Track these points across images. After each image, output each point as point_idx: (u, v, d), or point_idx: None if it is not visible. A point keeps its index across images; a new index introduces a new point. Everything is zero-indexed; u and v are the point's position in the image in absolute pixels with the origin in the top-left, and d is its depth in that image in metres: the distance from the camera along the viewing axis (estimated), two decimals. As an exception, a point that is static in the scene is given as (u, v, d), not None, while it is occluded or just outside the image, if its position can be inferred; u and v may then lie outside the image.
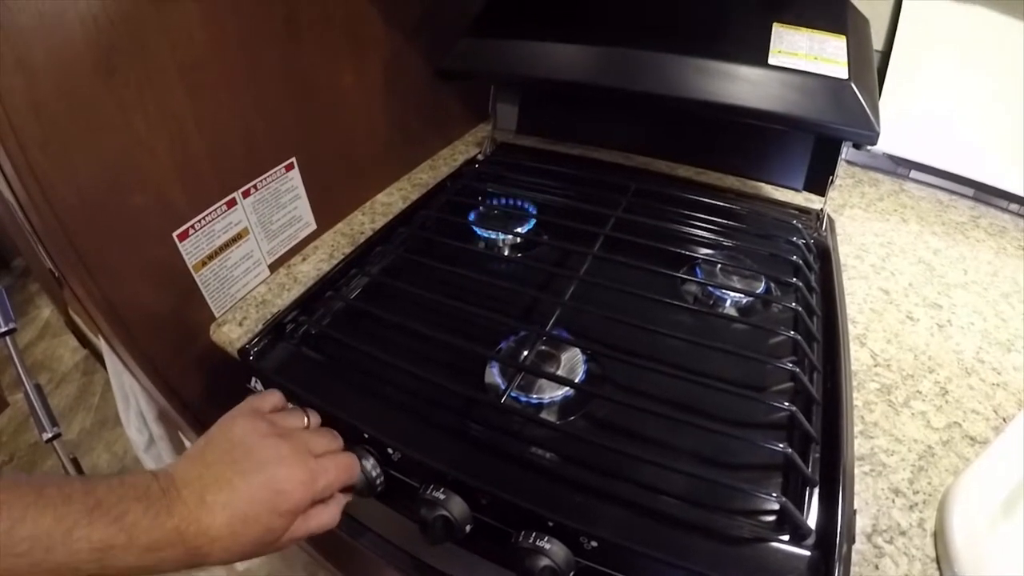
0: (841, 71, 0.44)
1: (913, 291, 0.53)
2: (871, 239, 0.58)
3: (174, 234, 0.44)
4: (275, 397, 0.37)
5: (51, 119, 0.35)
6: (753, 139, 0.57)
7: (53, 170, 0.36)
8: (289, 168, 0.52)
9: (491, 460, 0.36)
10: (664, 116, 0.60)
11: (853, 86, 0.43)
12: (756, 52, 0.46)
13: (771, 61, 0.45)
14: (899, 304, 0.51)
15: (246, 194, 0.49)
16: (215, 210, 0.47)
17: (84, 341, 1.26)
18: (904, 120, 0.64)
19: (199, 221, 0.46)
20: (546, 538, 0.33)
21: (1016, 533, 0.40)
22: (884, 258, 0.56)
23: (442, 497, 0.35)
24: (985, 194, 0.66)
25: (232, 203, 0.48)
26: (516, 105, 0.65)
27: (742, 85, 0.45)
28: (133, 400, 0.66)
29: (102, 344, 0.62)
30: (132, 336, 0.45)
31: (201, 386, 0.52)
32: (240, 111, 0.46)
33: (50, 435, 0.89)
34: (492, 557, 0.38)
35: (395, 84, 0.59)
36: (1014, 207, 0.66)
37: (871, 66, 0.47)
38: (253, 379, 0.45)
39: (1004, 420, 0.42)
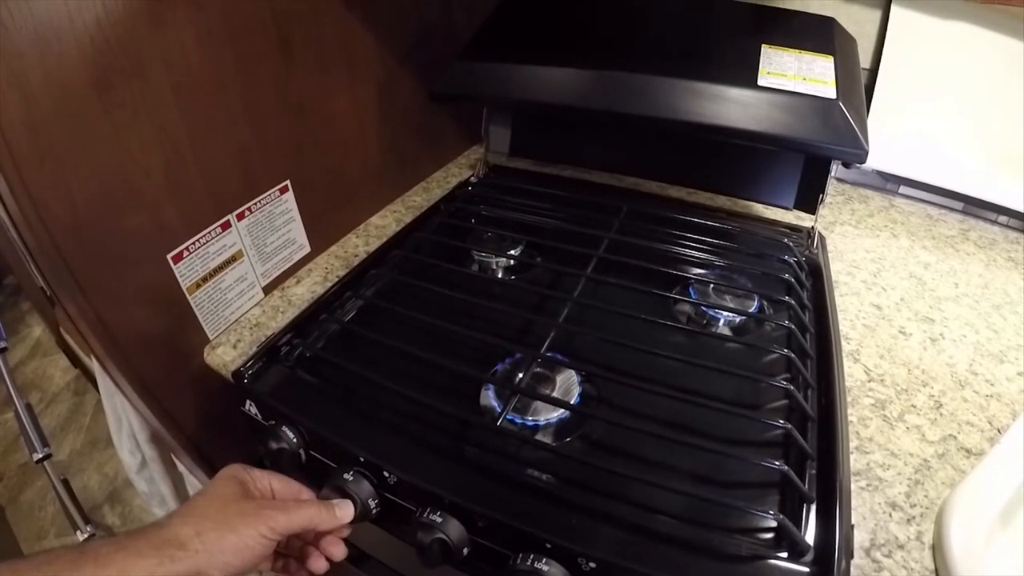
0: (829, 91, 0.45)
1: (905, 306, 0.53)
2: (862, 255, 0.59)
3: (168, 256, 0.45)
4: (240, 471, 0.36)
5: (47, 138, 0.35)
6: (743, 159, 0.58)
7: (48, 188, 0.36)
8: (283, 191, 0.52)
9: (487, 482, 0.36)
10: (655, 138, 0.61)
11: (841, 105, 0.44)
12: (745, 73, 0.47)
13: (760, 82, 0.46)
14: (891, 319, 0.51)
15: (240, 216, 0.49)
16: (209, 232, 0.47)
17: (75, 361, 1.25)
18: (892, 136, 0.65)
19: (193, 243, 0.46)
20: (544, 560, 0.33)
21: (1014, 543, 0.41)
22: (875, 274, 0.57)
23: (439, 520, 0.35)
24: (974, 207, 0.68)
25: (226, 225, 0.48)
26: (508, 128, 0.66)
27: (732, 106, 0.46)
28: (125, 422, 0.65)
29: (94, 365, 0.62)
30: (125, 357, 0.45)
31: (195, 408, 0.52)
32: (235, 133, 0.47)
33: (40, 455, 0.88)
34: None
35: (388, 107, 0.60)
36: (1003, 219, 0.67)
37: (859, 85, 0.49)
38: (248, 402, 0.45)
39: (999, 431, 0.43)
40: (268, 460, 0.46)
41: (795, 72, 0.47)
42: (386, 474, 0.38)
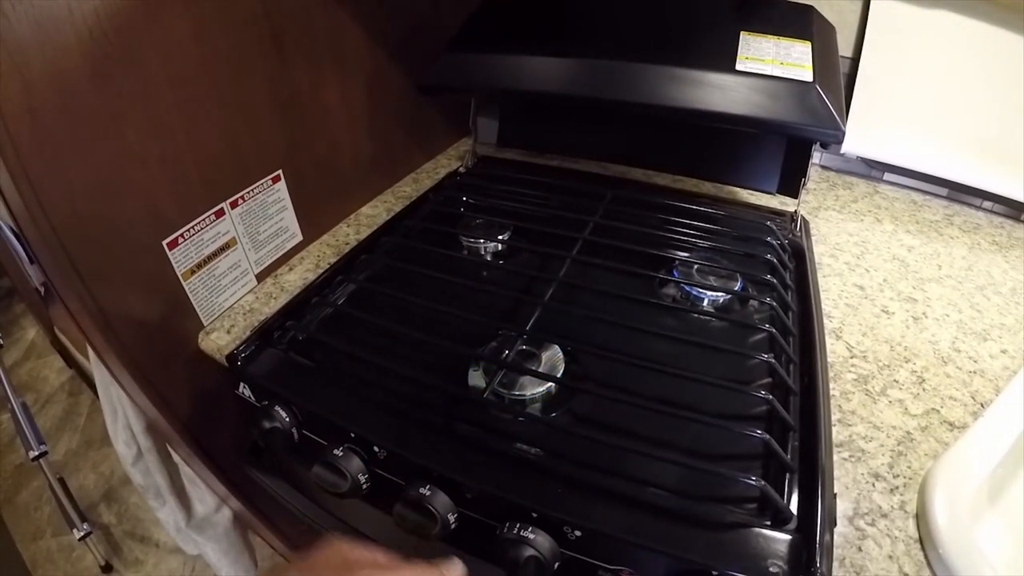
0: (806, 74, 0.47)
1: (888, 286, 0.54)
2: (845, 238, 0.60)
3: (164, 242, 0.46)
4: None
5: (46, 126, 0.36)
6: (726, 145, 0.60)
7: (47, 175, 0.37)
8: (276, 180, 0.54)
9: (475, 455, 0.37)
10: (640, 126, 0.62)
11: (818, 88, 0.46)
12: (724, 59, 0.48)
13: (738, 67, 0.48)
14: (874, 299, 0.53)
15: (234, 205, 0.50)
16: (204, 220, 0.48)
17: (70, 361, 1.26)
18: (876, 123, 0.67)
19: (188, 230, 0.47)
20: (530, 529, 0.34)
21: (998, 512, 0.42)
22: (859, 256, 0.58)
23: (427, 493, 0.36)
24: (959, 193, 0.69)
25: (220, 213, 0.50)
26: (496, 119, 0.67)
27: (711, 91, 0.47)
28: (121, 413, 0.66)
29: (91, 356, 0.63)
30: (122, 344, 0.46)
31: (190, 395, 0.53)
32: (228, 124, 0.48)
33: (36, 453, 0.89)
34: (478, 553, 0.39)
35: (379, 100, 0.62)
36: (988, 204, 0.69)
37: (836, 69, 0.50)
38: (242, 385, 0.46)
39: (982, 406, 0.44)
40: (262, 441, 0.47)
41: (773, 57, 0.48)
42: (376, 449, 0.39)
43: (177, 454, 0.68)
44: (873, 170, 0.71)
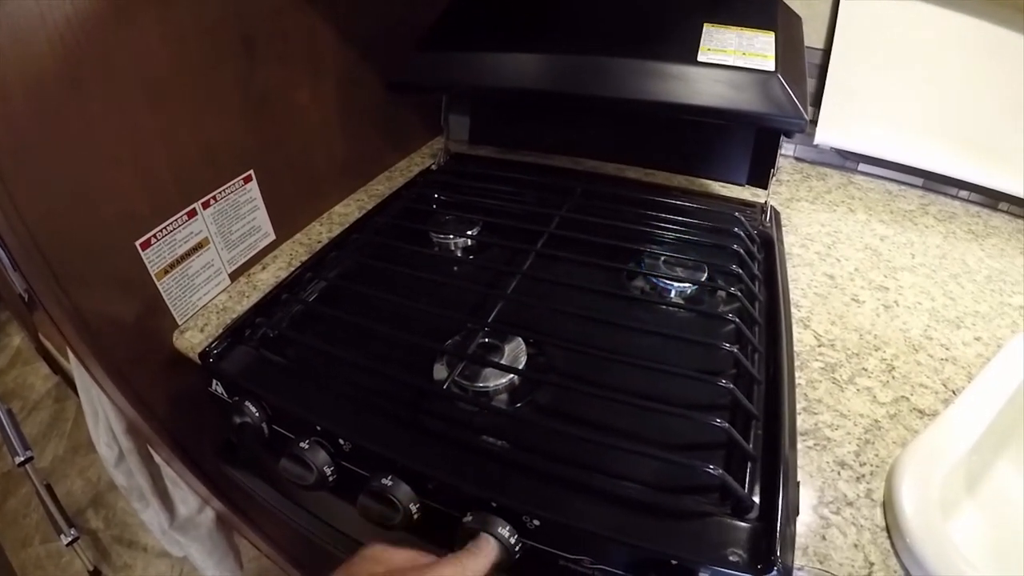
0: (768, 64, 0.47)
1: (859, 275, 0.55)
2: (817, 229, 0.61)
3: (137, 243, 0.46)
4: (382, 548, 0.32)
5: (22, 131, 0.37)
6: (696, 138, 0.60)
7: (24, 180, 0.38)
8: (247, 180, 0.54)
9: (436, 447, 0.37)
10: (610, 120, 0.63)
11: (780, 77, 0.46)
12: (687, 51, 0.49)
13: (700, 58, 0.48)
14: (844, 288, 0.53)
15: (206, 205, 0.51)
16: (176, 220, 0.49)
17: (55, 367, 1.27)
18: (849, 114, 0.67)
19: (161, 230, 0.48)
20: (492, 519, 0.34)
21: (967, 500, 0.42)
22: (830, 246, 0.58)
23: (389, 483, 0.36)
24: (934, 183, 0.69)
25: (192, 213, 0.50)
26: (468, 116, 0.68)
27: (674, 83, 0.48)
28: (102, 415, 0.66)
29: (71, 359, 0.63)
30: (100, 345, 0.47)
31: (167, 394, 0.53)
32: (200, 125, 0.49)
33: (22, 458, 0.89)
34: (442, 543, 0.39)
35: (351, 99, 0.62)
36: (964, 194, 0.69)
37: (800, 59, 0.50)
38: (214, 382, 0.46)
39: (954, 393, 0.43)
40: (234, 437, 0.48)
41: (735, 48, 0.49)
42: (341, 442, 0.39)
43: (158, 455, 0.68)
44: (847, 161, 0.71)
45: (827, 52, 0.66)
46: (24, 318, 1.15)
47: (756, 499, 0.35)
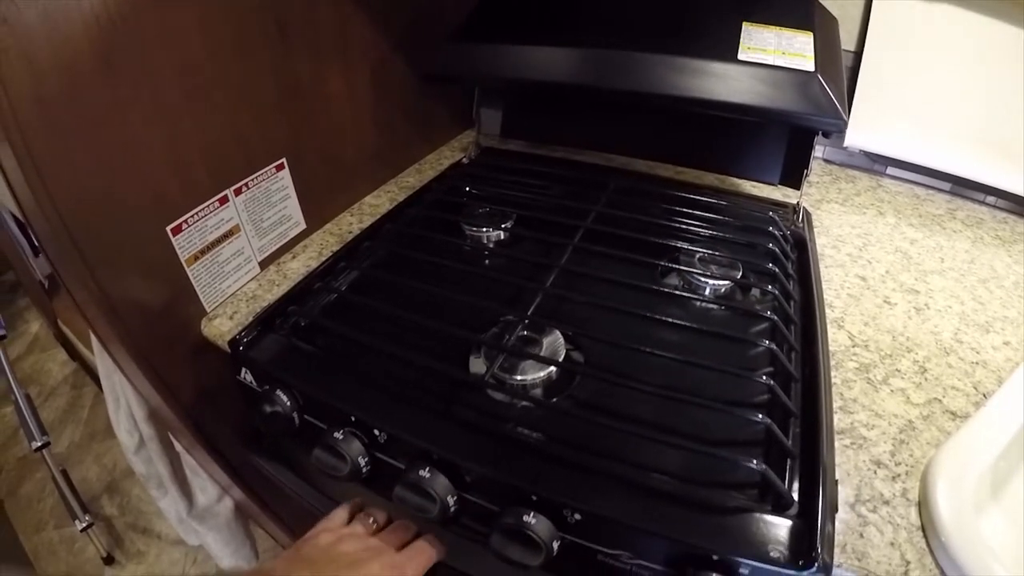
0: (808, 64, 0.47)
1: (890, 278, 0.54)
2: (848, 231, 0.60)
3: (168, 228, 0.46)
4: (340, 517, 0.39)
5: (53, 113, 0.36)
6: (729, 136, 0.59)
7: (54, 162, 0.37)
8: (280, 168, 0.54)
9: (474, 438, 0.37)
10: (643, 116, 0.62)
11: (820, 77, 0.46)
12: (727, 49, 0.48)
13: (740, 56, 0.47)
14: (876, 290, 0.52)
15: (238, 192, 0.51)
16: (208, 206, 0.48)
17: (73, 354, 1.27)
18: (879, 117, 0.66)
19: (192, 216, 0.47)
20: (531, 513, 0.34)
21: (1001, 507, 0.41)
22: (861, 248, 0.58)
23: (427, 475, 0.36)
24: (962, 188, 0.69)
25: (224, 200, 0.50)
26: (500, 110, 0.67)
27: (713, 80, 0.47)
28: (124, 401, 0.66)
29: (94, 344, 0.63)
30: (126, 331, 0.46)
31: (192, 381, 0.53)
32: (233, 111, 0.48)
33: (39, 443, 0.90)
34: (479, 538, 0.39)
35: (382, 90, 0.62)
36: (991, 199, 0.68)
37: (838, 60, 0.50)
38: (243, 370, 0.46)
39: (984, 396, 0.43)
40: (263, 426, 0.47)
41: (775, 47, 0.48)
42: (376, 432, 0.39)
43: (179, 443, 0.68)
44: (876, 164, 0.71)
45: (858, 55, 0.65)
46: (44, 304, 1.16)
47: (795, 496, 0.34)
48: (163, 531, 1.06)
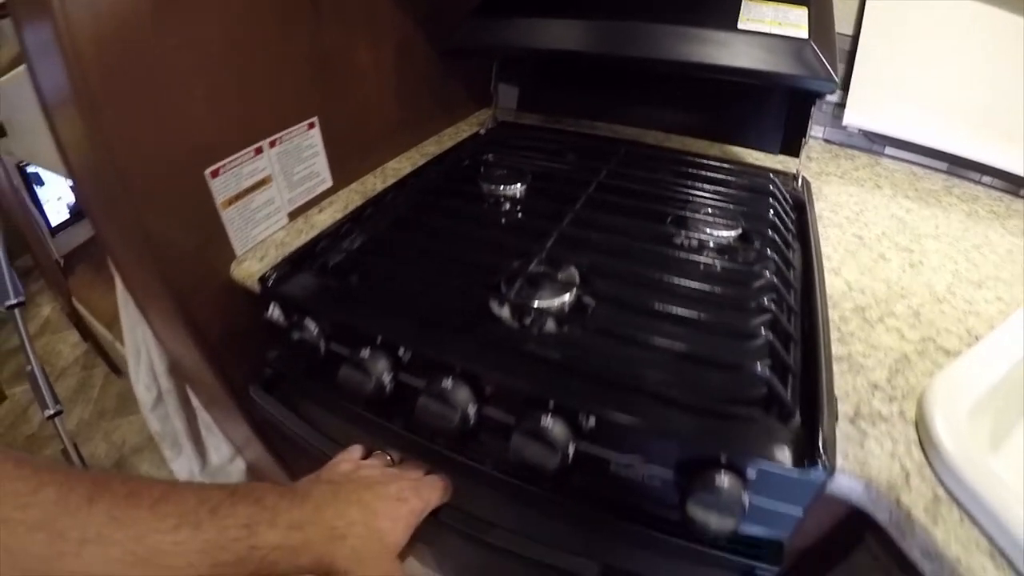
0: (802, 32, 0.51)
1: (886, 238, 0.57)
2: (846, 199, 0.64)
3: (206, 172, 0.50)
4: (358, 451, 0.42)
5: (110, 54, 0.40)
6: (732, 108, 0.64)
7: (107, 97, 0.41)
8: (311, 127, 0.58)
9: (494, 354, 0.40)
10: (652, 90, 0.66)
11: (812, 44, 0.50)
12: (728, 20, 0.53)
13: (740, 27, 0.52)
14: (872, 247, 0.55)
15: (272, 144, 0.55)
16: (243, 155, 0.52)
17: (85, 334, 1.30)
18: (877, 97, 0.70)
19: (229, 162, 0.51)
20: (548, 417, 0.36)
21: (991, 458, 0.43)
22: (858, 213, 0.61)
23: (449, 386, 0.39)
24: (958, 167, 0.72)
25: (259, 151, 0.54)
26: (516, 86, 0.72)
27: (716, 47, 0.52)
28: (145, 354, 0.69)
29: (119, 297, 0.66)
30: (162, 265, 0.50)
31: (219, 321, 0.55)
32: (270, 69, 0.52)
33: (52, 411, 0.92)
34: (496, 454, 0.41)
35: (406, 64, 0.67)
36: (986, 179, 0.71)
37: (830, 30, 0.54)
38: (272, 305, 0.49)
39: (977, 338, 0.45)
40: (290, 354, 0.50)
41: (772, 19, 0.52)
42: (400, 352, 0.42)
43: (197, 397, 0.70)
44: (875, 144, 0.75)
45: (855, 38, 0.70)
46: (59, 284, 1.19)
47: (798, 408, 0.37)
48: None
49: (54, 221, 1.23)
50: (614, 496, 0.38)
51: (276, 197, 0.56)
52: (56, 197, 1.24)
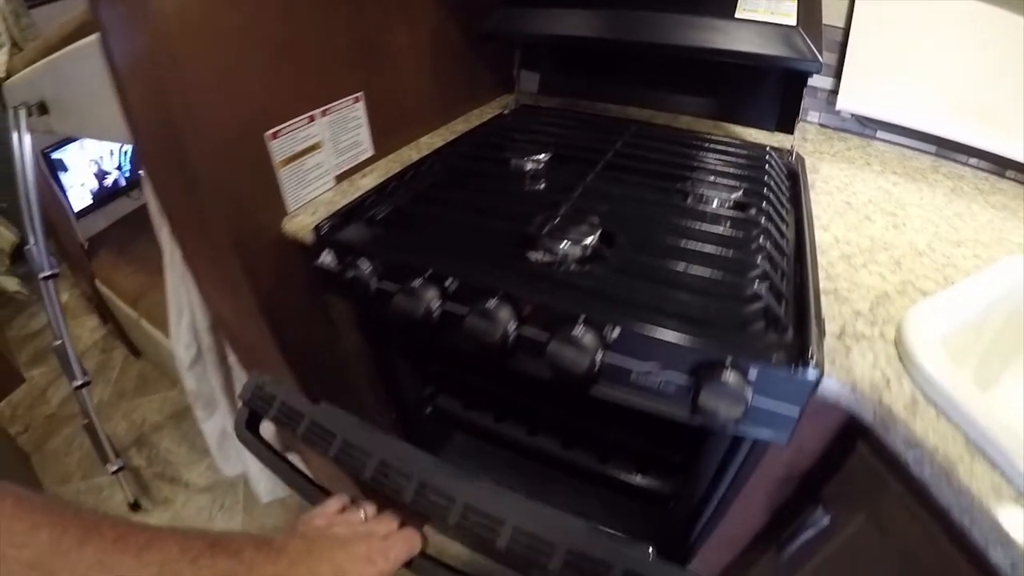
0: (791, 20, 0.61)
1: (872, 204, 0.66)
2: (837, 172, 0.73)
3: (266, 133, 0.58)
4: (334, 505, 0.42)
5: (190, 21, 0.49)
6: (733, 91, 0.74)
7: (186, 58, 0.50)
8: (357, 100, 0.67)
9: (531, 281, 0.48)
10: (660, 73, 0.76)
11: (800, 30, 0.60)
12: (726, 10, 0.63)
13: (737, 16, 0.62)
14: (859, 211, 0.64)
15: (323, 113, 0.64)
16: (299, 120, 0.61)
17: (105, 317, 1.37)
18: (868, 83, 0.78)
19: (286, 127, 0.60)
20: (579, 327, 0.44)
21: (970, 348, 0.50)
22: (847, 184, 0.70)
23: (493, 305, 0.47)
24: (946, 150, 0.80)
25: (312, 118, 0.63)
26: (537, 72, 0.82)
27: (715, 33, 0.62)
28: (187, 312, 0.76)
29: (165, 256, 0.74)
30: (222, 219, 0.58)
31: (270, 271, 0.64)
32: (321, 47, 0.61)
33: (80, 382, 0.99)
34: (530, 371, 0.49)
35: (440, 47, 0.77)
36: (973, 161, 0.79)
37: (818, 19, 0.64)
38: (324, 251, 0.57)
39: (953, 284, 0.53)
40: (341, 292, 0.58)
41: (765, 8, 0.62)
42: (448, 282, 0.50)
43: (236, 354, 0.78)
44: (866, 128, 0.84)
45: (847, 30, 0.79)
46: (82, 266, 1.27)
47: (788, 333, 0.44)
48: (191, 479, 1.13)
49: (77, 207, 1.31)
50: (634, 401, 0.46)
51: (325, 161, 0.65)
52: (79, 184, 1.32)
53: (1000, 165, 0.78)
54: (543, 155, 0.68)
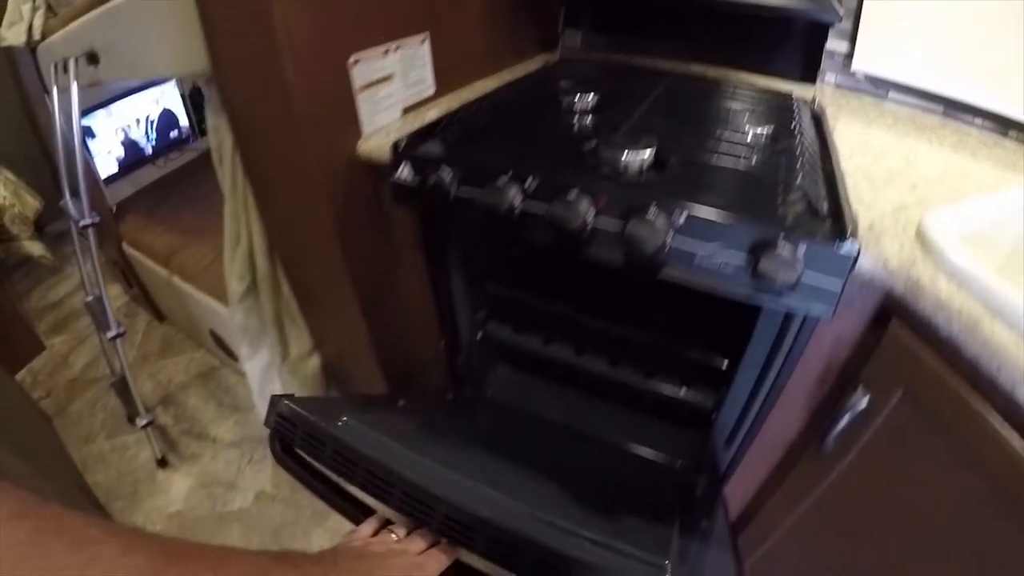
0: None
1: (888, 147, 0.76)
2: (854, 123, 0.83)
3: (349, 60, 0.66)
4: (368, 528, 0.47)
5: None
6: (761, 44, 0.84)
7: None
8: (423, 41, 0.76)
9: (604, 181, 0.57)
10: (695, 27, 0.87)
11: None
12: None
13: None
14: (875, 151, 0.74)
15: (396, 49, 0.72)
16: (376, 52, 0.69)
17: (130, 282, 1.41)
18: (881, 45, 0.89)
19: (365, 56, 0.68)
20: (653, 211, 0.52)
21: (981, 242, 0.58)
22: (863, 132, 0.80)
23: (572, 198, 0.55)
24: (954, 110, 0.90)
25: (386, 52, 0.71)
26: (580, 29, 0.92)
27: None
28: (244, 240, 0.82)
29: (226, 186, 0.80)
30: (305, 140, 0.66)
31: (342, 196, 0.71)
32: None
33: (115, 332, 1.03)
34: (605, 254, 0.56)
35: (495, 2, 0.86)
36: (978, 121, 0.89)
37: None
38: (402, 165, 0.65)
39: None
40: (420, 202, 0.65)
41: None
42: (528, 181, 0.58)
43: (293, 282, 0.83)
44: (879, 89, 0.95)
45: (860, -1, 0.90)
46: (109, 230, 1.32)
47: (828, 222, 0.53)
48: (219, 435, 1.16)
49: (103, 174, 1.37)
50: (699, 280, 0.54)
51: (395, 93, 0.73)
52: (106, 151, 1.38)
53: (1003, 125, 0.88)
54: (593, 95, 0.77)
